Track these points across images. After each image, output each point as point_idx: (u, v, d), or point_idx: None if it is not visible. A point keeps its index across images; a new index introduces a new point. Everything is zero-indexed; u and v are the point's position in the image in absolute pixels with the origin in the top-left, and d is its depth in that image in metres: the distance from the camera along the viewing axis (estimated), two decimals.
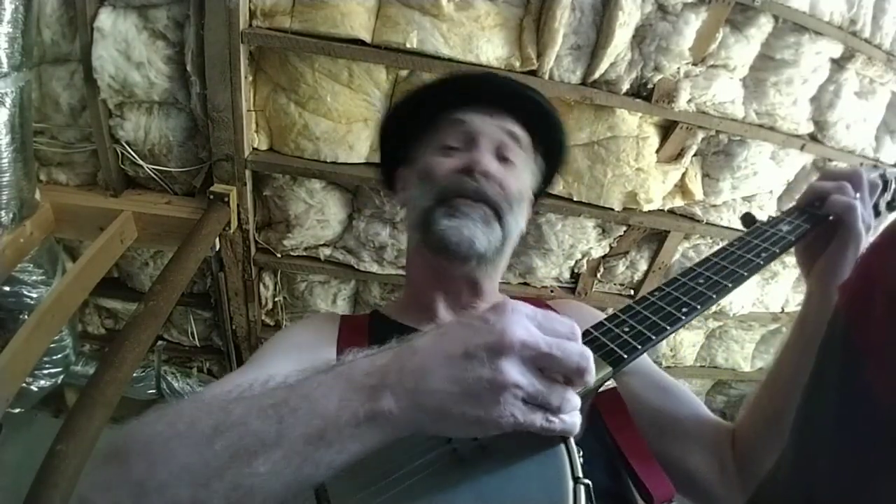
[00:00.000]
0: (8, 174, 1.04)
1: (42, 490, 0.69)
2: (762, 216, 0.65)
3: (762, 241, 0.59)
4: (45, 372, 1.57)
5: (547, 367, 0.36)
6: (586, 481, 0.37)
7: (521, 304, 0.39)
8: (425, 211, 0.67)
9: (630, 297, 1.63)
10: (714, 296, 0.52)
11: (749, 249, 0.58)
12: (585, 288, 1.58)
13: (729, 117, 1.29)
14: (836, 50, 1.26)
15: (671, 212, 1.46)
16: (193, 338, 1.75)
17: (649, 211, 1.39)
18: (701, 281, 0.53)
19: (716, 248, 1.52)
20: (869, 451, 0.31)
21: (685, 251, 1.54)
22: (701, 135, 1.32)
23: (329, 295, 1.59)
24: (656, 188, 1.35)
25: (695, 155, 1.36)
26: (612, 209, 1.37)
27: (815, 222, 0.61)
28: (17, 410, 1.60)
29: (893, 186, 0.68)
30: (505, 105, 0.73)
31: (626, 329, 0.47)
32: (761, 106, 1.29)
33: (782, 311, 1.73)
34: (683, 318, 0.49)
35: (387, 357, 0.39)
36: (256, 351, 0.65)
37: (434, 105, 0.75)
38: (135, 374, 1.67)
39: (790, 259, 1.60)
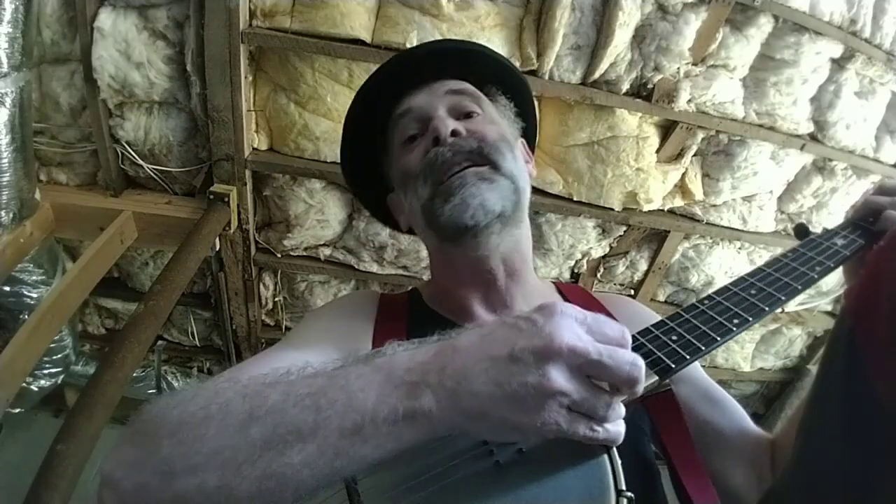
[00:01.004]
0: (8, 174, 1.04)
1: (42, 490, 0.69)
2: (816, 229, 0.63)
3: (817, 254, 0.57)
4: (45, 372, 1.57)
5: (596, 374, 0.35)
6: (629, 494, 0.36)
7: (570, 307, 0.37)
8: (423, 208, 0.62)
9: (630, 297, 1.63)
10: (767, 308, 0.50)
11: (804, 262, 0.56)
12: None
13: (729, 117, 1.29)
14: (836, 50, 1.26)
15: (671, 212, 1.46)
16: (193, 338, 1.75)
17: (649, 211, 1.39)
18: (753, 292, 0.52)
19: (716, 248, 1.53)
20: (872, 449, 0.31)
21: (685, 251, 1.54)
22: (701, 135, 1.32)
23: (329, 295, 1.59)
24: (656, 188, 1.35)
25: (695, 155, 1.36)
26: (612, 209, 1.37)
27: (869, 238, 0.59)
28: (17, 410, 1.60)
29: None
30: (439, 71, 0.68)
31: (675, 338, 0.46)
32: (761, 106, 1.29)
33: (782, 311, 1.73)
34: (734, 329, 0.47)
35: (428, 354, 0.37)
36: (291, 331, 0.62)
37: (375, 116, 0.70)
38: (135, 374, 1.67)
39: None
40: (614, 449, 0.37)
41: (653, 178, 1.34)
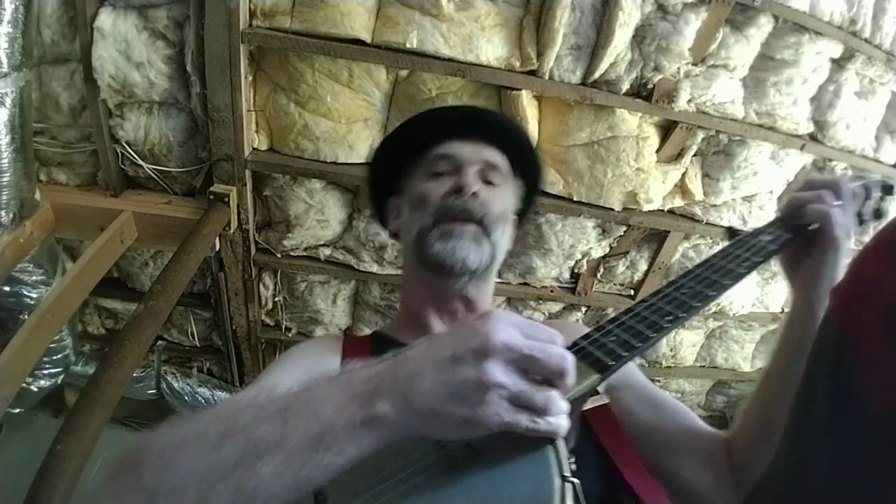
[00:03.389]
0: (8, 174, 1.04)
1: (42, 490, 0.69)
2: (746, 228, 0.67)
3: (744, 251, 0.61)
4: (45, 372, 1.57)
5: (529, 368, 0.38)
6: (574, 480, 0.38)
7: (506, 313, 0.41)
8: (420, 233, 0.73)
9: (630, 297, 1.63)
10: (698, 304, 0.53)
11: (731, 260, 0.60)
12: (585, 288, 1.58)
13: (729, 117, 1.29)
14: (836, 50, 1.26)
15: (671, 212, 1.46)
16: (193, 338, 1.75)
17: (649, 211, 1.39)
18: (685, 291, 0.55)
19: (716, 248, 1.53)
20: (860, 459, 0.31)
21: (685, 251, 1.54)
22: (701, 135, 1.32)
23: (329, 295, 1.59)
24: (656, 188, 1.35)
25: (695, 155, 1.36)
26: (612, 209, 1.37)
27: (795, 231, 0.63)
28: (17, 410, 1.60)
29: (876, 195, 0.70)
30: (484, 135, 0.80)
31: (612, 338, 0.49)
32: (761, 106, 1.29)
33: (782, 311, 1.73)
34: (667, 325, 0.51)
35: (383, 366, 0.41)
36: (261, 373, 0.69)
37: (420, 138, 0.81)
38: (135, 374, 1.68)
39: None
40: (560, 441, 0.40)
41: (653, 178, 1.34)
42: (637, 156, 1.30)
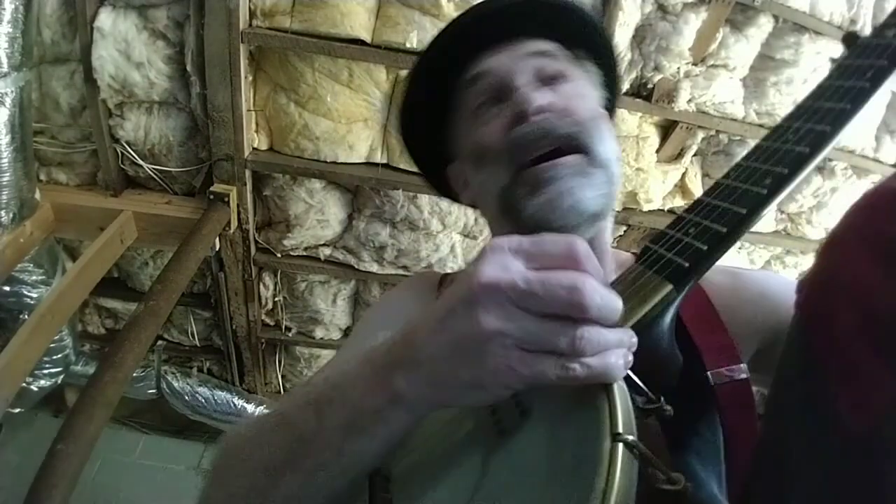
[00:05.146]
0: (8, 174, 1.04)
1: (42, 490, 0.69)
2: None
3: (865, 59, 0.40)
4: (45, 372, 1.57)
5: (531, 307, 0.29)
6: (628, 437, 0.28)
7: (508, 238, 0.32)
8: (503, 197, 0.53)
9: None
10: (808, 150, 0.37)
11: (850, 75, 0.40)
12: None
13: (729, 117, 1.29)
14: (836, 50, 1.26)
15: (671, 212, 1.46)
16: (193, 338, 1.75)
17: (649, 211, 1.39)
18: (790, 136, 0.39)
19: None
20: (837, 478, 0.28)
21: None
22: (701, 135, 1.32)
23: (329, 295, 1.59)
24: (656, 188, 1.35)
25: (695, 155, 1.36)
26: None
27: None
28: (17, 410, 1.60)
29: None
30: (518, 28, 0.58)
31: (692, 230, 0.36)
32: (761, 106, 1.29)
33: None
34: (768, 192, 0.35)
35: (401, 335, 0.35)
36: (354, 326, 0.62)
37: (444, 74, 0.59)
38: (135, 374, 1.67)
39: (790, 259, 1.60)
40: (615, 387, 0.30)
41: (653, 178, 1.34)
42: (637, 155, 1.30)
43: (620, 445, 0.27)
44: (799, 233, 1.52)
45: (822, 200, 1.48)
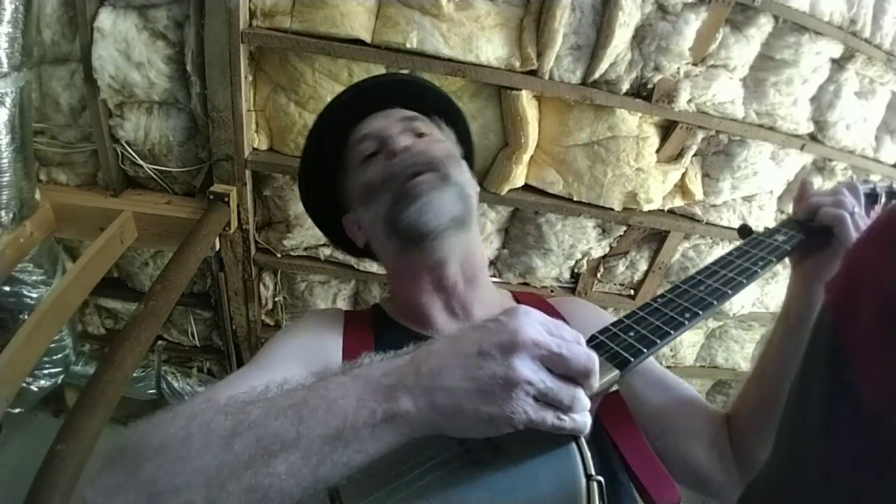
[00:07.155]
0: (8, 174, 1.04)
1: (42, 490, 0.69)
2: (759, 228, 0.67)
3: (759, 250, 0.61)
4: (45, 372, 1.57)
5: (556, 367, 0.38)
6: (599, 478, 0.37)
7: (533, 310, 0.40)
8: (387, 216, 0.66)
9: (630, 297, 1.63)
10: (714, 302, 0.54)
11: (747, 258, 0.60)
12: (585, 288, 1.58)
13: (729, 117, 1.29)
14: (836, 50, 1.26)
15: (671, 212, 1.46)
16: (193, 338, 1.75)
17: (649, 211, 1.39)
18: (702, 288, 0.55)
19: (716, 248, 1.53)
20: (856, 457, 0.30)
21: (685, 251, 1.54)
22: (701, 135, 1.32)
23: (329, 295, 1.59)
24: (656, 188, 1.35)
25: (695, 155, 1.36)
26: (612, 209, 1.37)
27: (808, 232, 0.63)
28: (17, 410, 1.60)
29: (884, 200, 0.71)
30: (389, 102, 0.76)
31: (632, 334, 0.49)
32: (761, 106, 1.29)
33: None
34: (686, 322, 0.51)
35: (404, 359, 0.40)
36: (260, 350, 0.64)
37: (331, 142, 0.75)
38: (135, 374, 1.67)
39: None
40: (582, 438, 0.40)
41: (653, 178, 1.34)
42: (637, 156, 1.30)
43: (595, 483, 0.37)
44: None
45: None
